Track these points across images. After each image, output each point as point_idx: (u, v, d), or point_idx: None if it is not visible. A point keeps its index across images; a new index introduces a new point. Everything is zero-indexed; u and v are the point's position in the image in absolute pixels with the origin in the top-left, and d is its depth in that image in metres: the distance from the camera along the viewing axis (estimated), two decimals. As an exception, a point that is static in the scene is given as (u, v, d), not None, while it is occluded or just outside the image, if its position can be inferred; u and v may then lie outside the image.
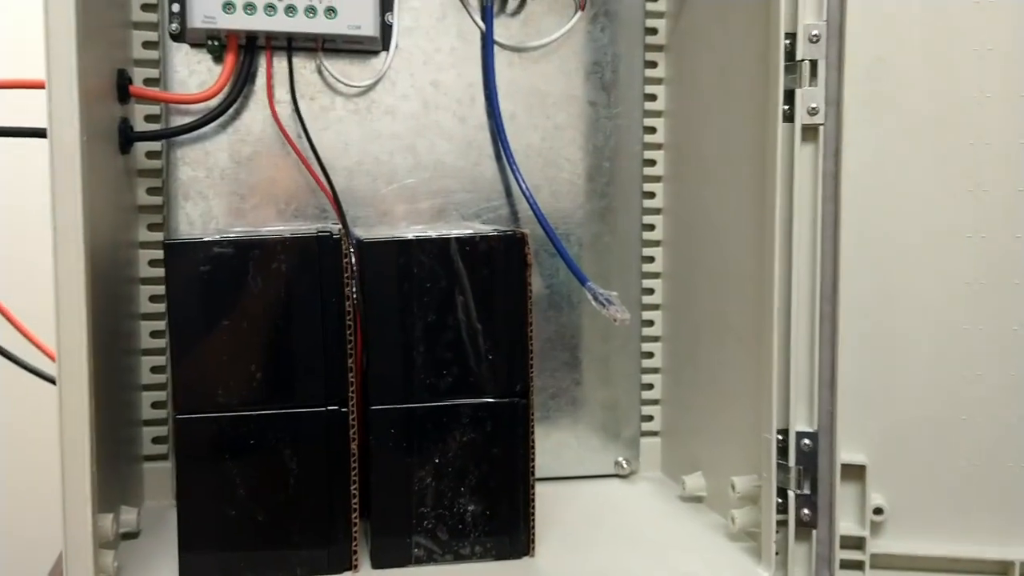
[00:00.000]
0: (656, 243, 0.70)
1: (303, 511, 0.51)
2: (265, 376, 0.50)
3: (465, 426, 0.52)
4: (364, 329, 0.51)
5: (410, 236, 0.51)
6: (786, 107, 0.50)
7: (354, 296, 0.50)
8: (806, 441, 0.51)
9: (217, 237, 0.49)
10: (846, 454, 0.51)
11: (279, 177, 0.62)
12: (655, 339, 0.70)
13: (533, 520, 0.54)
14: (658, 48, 0.68)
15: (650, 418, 0.71)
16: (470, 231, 0.52)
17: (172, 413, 0.51)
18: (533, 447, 0.54)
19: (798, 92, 0.49)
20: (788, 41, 0.49)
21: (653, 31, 0.68)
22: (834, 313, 0.50)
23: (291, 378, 0.50)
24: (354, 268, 0.51)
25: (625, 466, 0.70)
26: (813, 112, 0.49)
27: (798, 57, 0.49)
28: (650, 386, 0.71)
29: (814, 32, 0.49)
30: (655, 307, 0.70)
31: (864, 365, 0.50)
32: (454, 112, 0.65)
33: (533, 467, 0.54)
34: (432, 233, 0.52)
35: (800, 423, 0.51)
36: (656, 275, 0.70)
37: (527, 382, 0.53)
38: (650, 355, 0.70)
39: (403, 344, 0.51)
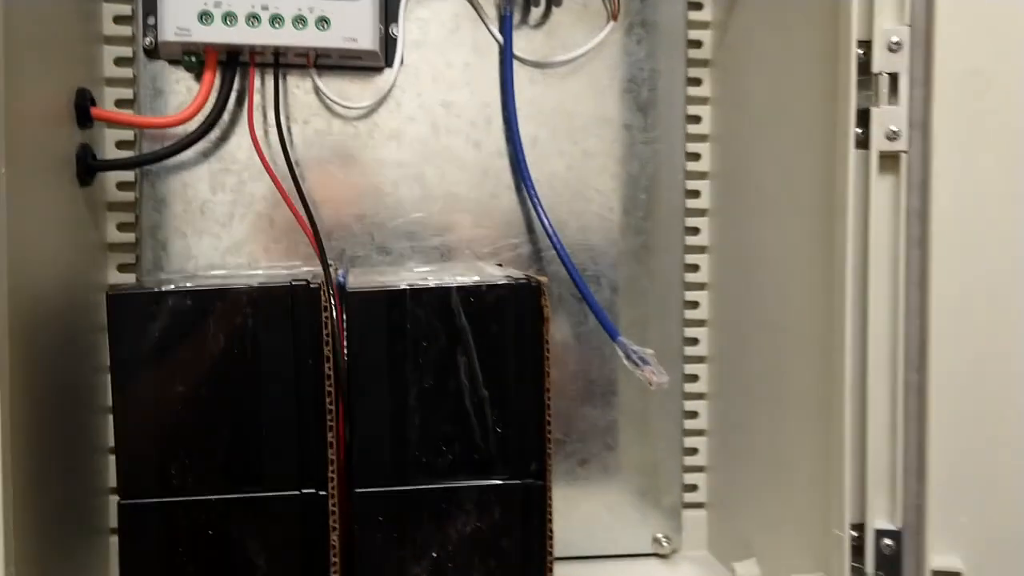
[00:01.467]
0: (701, 286, 0.60)
1: (273, 613, 0.42)
2: (227, 453, 0.42)
3: (469, 513, 0.44)
4: (347, 396, 0.43)
5: (403, 285, 0.43)
6: (859, 130, 0.41)
7: (336, 356, 0.42)
8: (887, 541, 0.41)
9: (171, 287, 0.41)
10: (938, 558, 0.41)
11: (268, 211, 0.55)
12: (700, 396, 0.61)
13: (551, 623, 0.45)
14: (703, 63, 0.59)
15: (694, 487, 0.61)
16: (475, 279, 0.44)
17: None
18: (551, 538, 0.45)
19: (874, 112, 0.40)
20: (862, 51, 0.40)
21: (697, 44, 0.59)
22: (922, 383, 0.40)
23: (259, 455, 0.42)
24: (336, 323, 0.43)
25: (665, 544, 0.60)
26: (893, 136, 0.40)
27: (874, 70, 0.40)
28: (694, 450, 0.61)
29: (894, 39, 0.40)
30: (700, 359, 0.61)
31: (961, 448, 0.40)
32: (468, 136, 0.56)
33: (551, 563, 0.45)
34: (431, 281, 0.44)
35: (880, 518, 0.42)
36: (701, 323, 0.61)
37: (544, 460, 0.44)
38: (694, 415, 0.61)
39: (394, 414, 0.43)
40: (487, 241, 0.57)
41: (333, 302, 0.42)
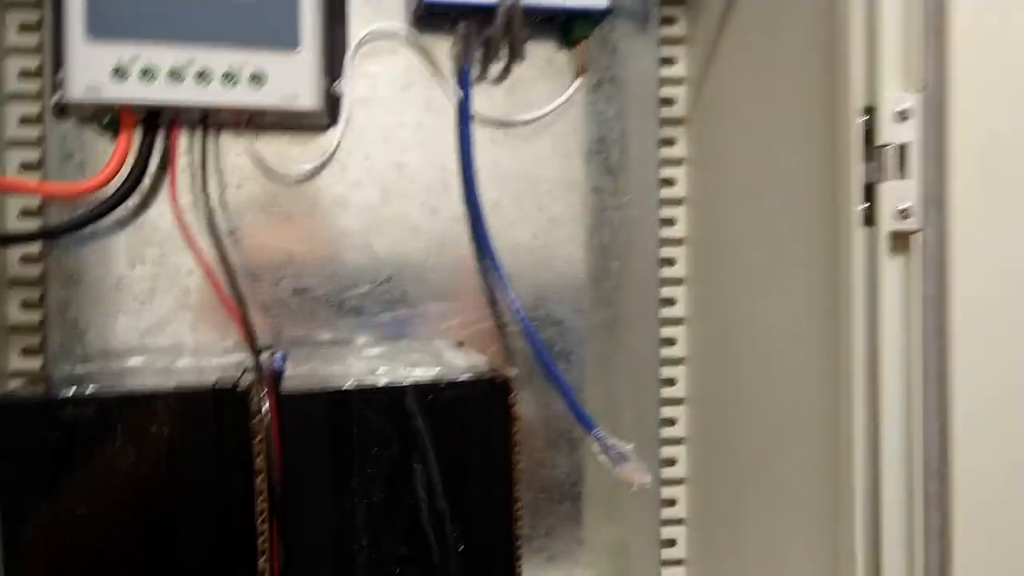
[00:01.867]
0: (678, 361, 0.55)
1: None
2: (140, 588, 0.35)
3: (426, 645, 0.37)
4: (283, 515, 0.36)
5: (348, 384, 0.37)
6: (865, 206, 0.36)
7: (270, 469, 0.36)
8: (906, 673, 0.36)
9: (69, 393, 0.34)
10: None
11: (195, 285, 0.48)
12: (678, 482, 0.56)
13: None
14: (676, 122, 0.55)
15: (672, 583, 0.56)
16: (433, 373, 0.38)
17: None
18: (521, 671, 0.39)
19: (882, 188, 0.36)
20: (865, 118, 0.36)
21: (669, 102, 0.54)
22: (944, 495, 0.35)
23: (177, 589, 0.35)
24: (270, 429, 0.37)
25: (642, 648, 0.54)
26: (905, 215, 0.35)
27: (880, 141, 0.36)
28: (672, 542, 0.56)
29: (903, 106, 0.35)
30: (677, 441, 0.56)
31: (991, 569, 0.35)
32: (422, 202, 0.51)
33: None
34: (381, 376, 0.38)
35: (896, 643, 0.36)
36: (679, 401, 0.56)
37: (512, 581, 0.38)
38: (672, 503, 0.56)
39: (339, 535, 0.37)
40: (445, 316, 0.51)
41: (266, 404, 0.36)
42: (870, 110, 0.36)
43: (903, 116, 0.35)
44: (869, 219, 0.36)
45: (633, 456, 0.43)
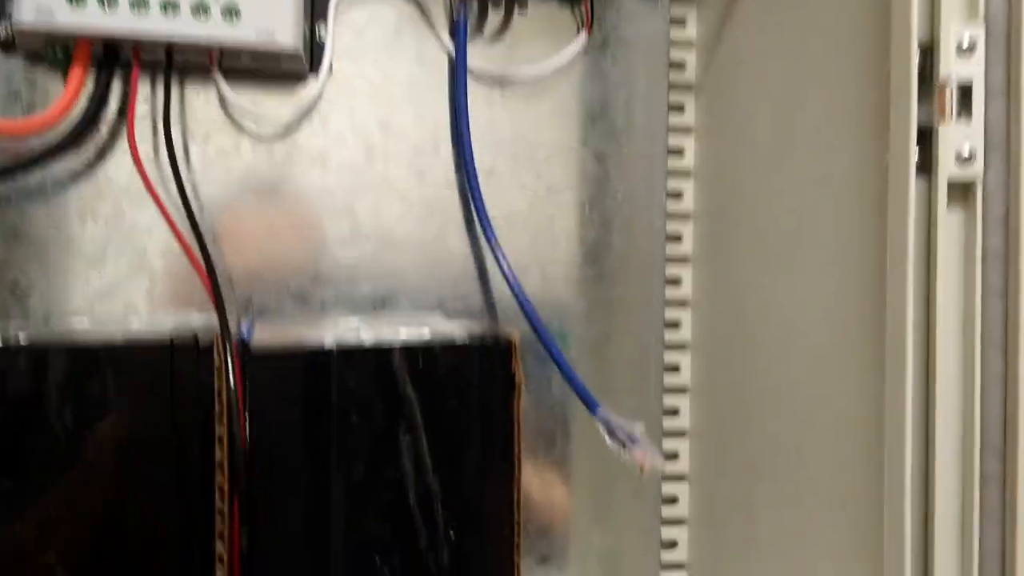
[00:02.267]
0: (683, 347, 0.51)
1: None
2: (74, 572, 0.30)
3: (411, 647, 0.32)
4: (247, 492, 0.31)
5: (328, 342, 0.32)
6: (919, 153, 0.32)
7: (233, 439, 0.31)
8: None
9: (-2, 342, 0.29)
10: None
11: (154, 247, 0.43)
12: (680, 478, 0.51)
13: None
14: (686, 88, 0.51)
15: (673, 589, 0.51)
16: (425, 335, 0.34)
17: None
18: None
19: (940, 132, 0.32)
20: (921, 56, 0.32)
21: (680, 66, 0.50)
22: (1007, 473, 0.31)
23: (119, 573, 0.30)
24: (235, 394, 0.31)
25: (640, 661, 0.50)
26: (966, 160, 0.31)
27: (939, 79, 0.32)
28: (673, 544, 0.51)
29: (966, 40, 0.32)
30: (680, 434, 0.51)
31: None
32: (410, 164, 0.46)
33: None
34: (365, 337, 0.33)
35: (948, 648, 0.32)
36: (683, 390, 0.51)
37: (512, 574, 0.34)
38: (673, 500, 0.51)
39: (312, 515, 0.32)
40: (432, 290, 0.46)
41: (231, 365, 0.31)
42: (926, 48, 0.32)
43: (966, 49, 0.32)
44: (924, 167, 0.32)
45: (643, 437, 0.39)
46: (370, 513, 0.32)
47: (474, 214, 0.46)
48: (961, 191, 0.32)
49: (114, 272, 0.43)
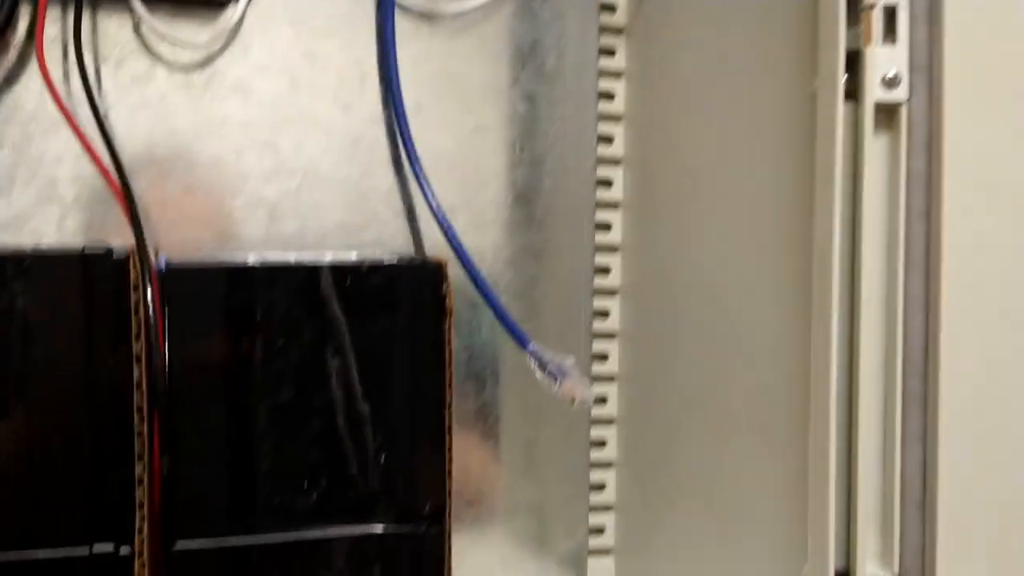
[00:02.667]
0: (612, 292, 0.51)
1: None
2: (-22, 498, 0.28)
3: (340, 573, 0.32)
4: (166, 413, 0.30)
5: (251, 261, 0.31)
6: (846, 78, 0.32)
7: (151, 357, 0.30)
8: (880, 593, 0.33)
9: None
10: (945, 613, 0.32)
11: (64, 175, 0.41)
12: (609, 422, 0.51)
13: None
14: (616, 31, 0.50)
15: (600, 530, 0.52)
16: (352, 257, 0.33)
17: None
18: (449, 605, 0.33)
19: (867, 55, 0.32)
20: (846, -20, 0.32)
21: (610, 8, 0.50)
22: (928, 392, 0.32)
23: (28, 498, 0.28)
24: (154, 310, 0.30)
25: (567, 602, 0.50)
26: (892, 83, 0.32)
27: (866, 1, 0.32)
28: (601, 486, 0.51)
29: (891, -38, 0.32)
30: (610, 379, 0.51)
31: (976, 472, 0.32)
32: (335, 97, 0.45)
33: (448, 639, 0.33)
34: (291, 258, 0.32)
35: (871, 563, 0.33)
36: (611, 335, 0.51)
37: (443, 499, 0.33)
38: (601, 444, 0.51)
39: (235, 438, 0.31)
40: (357, 228, 0.45)
41: (148, 277, 0.29)
42: (852, -30, 0.33)
43: (891, -28, 0.32)
44: (850, 93, 0.33)
45: (574, 370, 0.39)
46: (297, 437, 0.31)
47: (402, 151, 0.45)
48: (886, 115, 0.32)
49: (22, 201, 0.41)
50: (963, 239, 0.31)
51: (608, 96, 0.50)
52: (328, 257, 0.33)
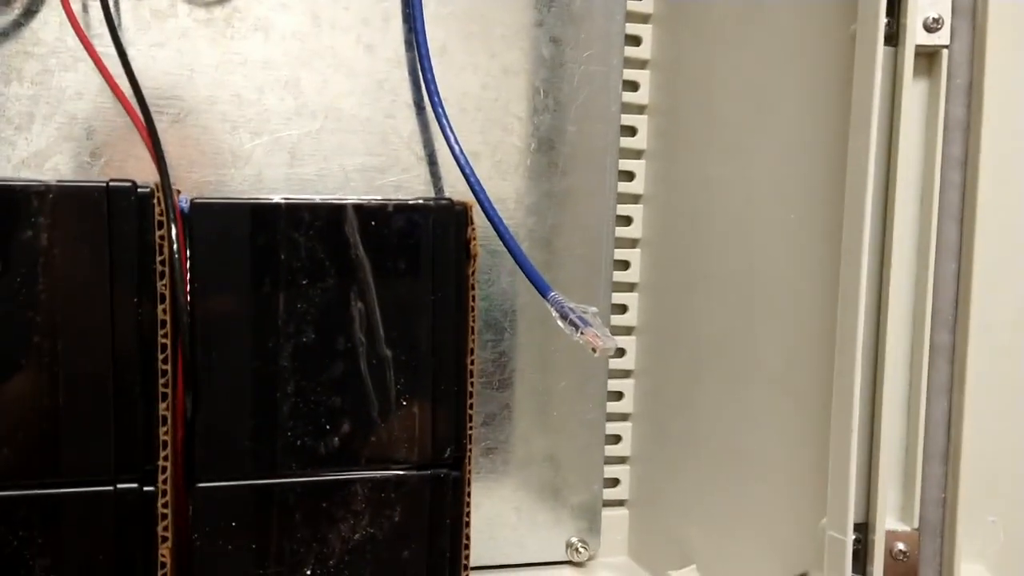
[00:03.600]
0: (633, 243, 0.51)
1: (68, 667, 0.29)
2: (7, 431, 0.28)
3: (359, 515, 0.32)
4: (190, 353, 0.30)
5: (277, 199, 0.31)
6: (887, 21, 0.31)
7: (176, 296, 0.29)
8: (900, 546, 0.32)
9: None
10: (967, 566, 0.32)
11: (85, 111, 0.41)
12: (626, 374, 0.51)
13: (462, 660, 0.34)
14: (644, -25, 0.49)
15: (615, 482, 0.52)
16: (379, 198, 0.32)
17: None
18: (467, 547, 0.34)
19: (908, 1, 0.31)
20: (890, -81, 0.31)
21: (637, -51, 0.49)
22: (956, 346, 0.31)
23: (55, 434, 0.29)
24: (178, 249, 0.30)
25: (581, 549, 0.50)
26: (934, 26, 0.31)
27: (909, -58, 0.31)
28: (617, 438, 0.51)
29: (937, -99, 0.31)
30: (628, 331, 0.51)
31: (1000, 428, 0.32)
32: (359, 37, 0.44)
33: (467, 580, 0.34)
34: (316, 198, 0.32)
35: (891, 517, 0.33)
36: (631, 287, 0.51)
37: (463, 444, 0.33)
38: (618, 396, 0.51)
39: (258, 379, 0.30)
40: (379, 170, 0.45)
41: (173, 214, 0.29)
42: (895, -90, 0.31)
43: (937, -88, 0.31)
44: (889, 37, 0.32)
45: (596, 320, 0.38)
46: (320, 380, 0.31)
47: (424, 94, 0.44)
48: (926, 60, 0.31)
49: (42, 137, 0.40)
50: (1000, 189, 0.31)
51: (635, 41, 0.49)
52: (353, 197, 0.32)
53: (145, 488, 0.29)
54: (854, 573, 0.33)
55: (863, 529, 0.33)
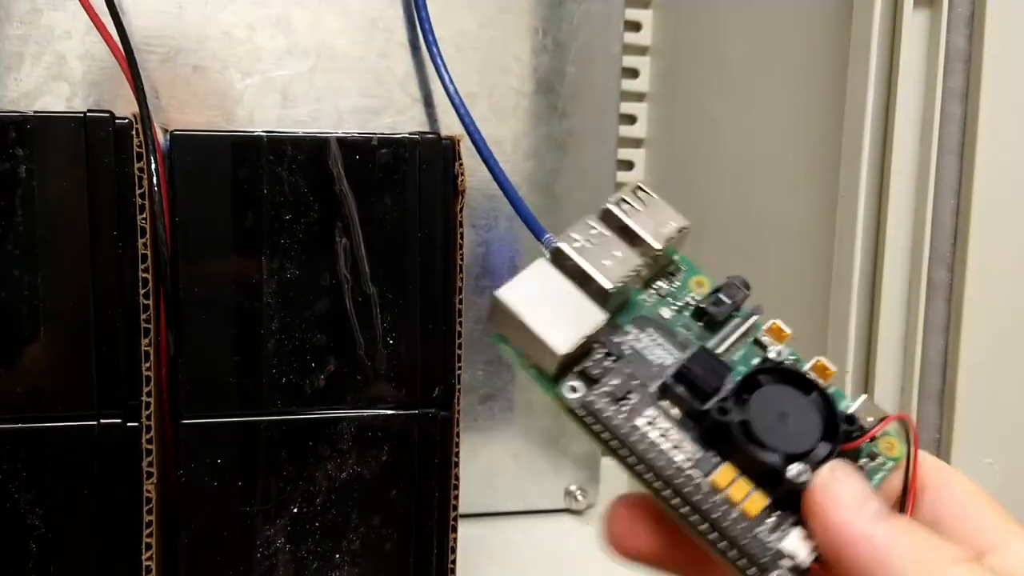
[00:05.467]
0: (634, 188, 0.50)
1: (56, 600, 0.29)
2: (-16, 363, 0.28)
3: (346, 454, 0.32)
4: (172, 286, 0.30)
5: (259, 131, 0.30)
6: (888, -52, 0.30)
7: (157, 229, 0.29)
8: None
9: None
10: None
11: (74, 51, 0.40)
12: (627, 324, 0.51)
13: (452, 598, 0.34)
14: (646, -89, 0.48)
15: (615, 429, 0.51)
16: (364, 133, 0.32)
17: None
18: (456, 487, 0.33)
19: (912, -79, 0.30)
20: None
21: None
22: (954, 284, 0.31)
23: (35, 368, 0.28)
24: (158, 181, 0.29)
25: (580, 497, 0.50)
26: (937, -48, 0.30)
27: None
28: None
29: None
30: (629, 277, 0.50)
31: (996, 368, 0.31)
32: (351, -27, 0.43)
33: (455, 519, 0.33)
34: (299, 130, 0.31)
35: (885, 457, 0.32)
36: (632, 232, 0.50)
37: (451, 383, 0.33)
38: (618, 344, 0.51)
39: (242, 315, 0.30)
40: (373, 111, 0.44)
41: (153, 148, 0.29)
42: None
43: None
44: (891, -35, 0.31)
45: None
46: (304, 317, 0.31)
47: (420, 33, 0.43)
48: (930, -12, 0.30)
49: (32, 78, 0.40)
50: (1001, 121, 0.30)
51: (636, -21, 0.48)
52: (336, 133, 0.32)
53: (129, 423, 0.29)
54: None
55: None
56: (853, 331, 0.31)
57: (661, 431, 0.21)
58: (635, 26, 0.48)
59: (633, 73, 0.48)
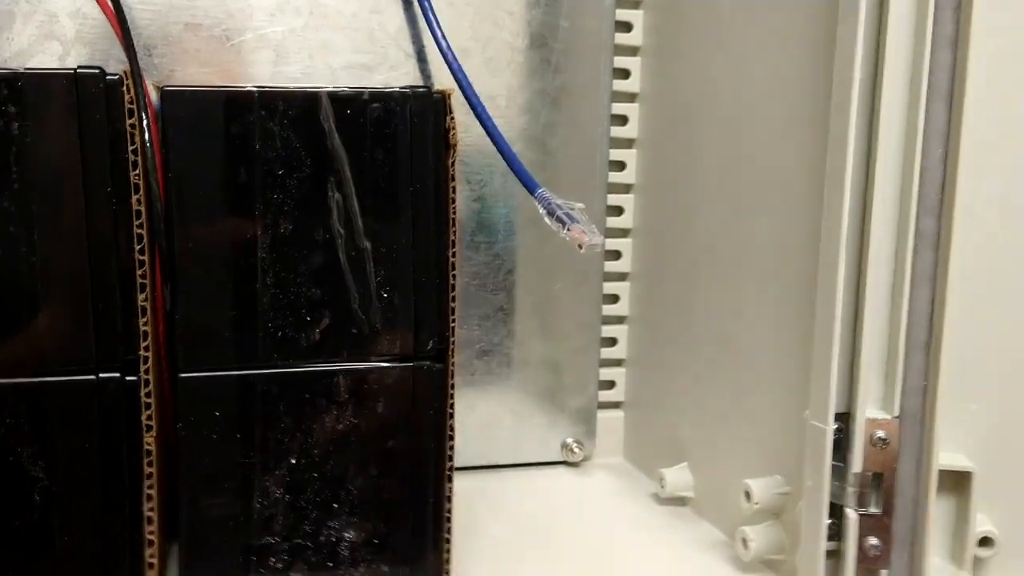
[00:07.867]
0: (629, 143, 0.50)
1: (62, 550, 0.30)
2: (-16, 320, 0.29)
3: (342, 406, 0.32)
4: (168, 242, 0.30)
5: (250, 87, 0.30)
6: None
7: (150, 185, 0.29)
8: (880, 434, 0.32)
9: None
10: (943, 455, 0.32)
11: (66, 9, 0.40)
12: (622, 276, 0.51)
13: (448, 545, 0.35)
14: None
15: (611, 384, 0.52)
16: (356, 87, 0.32)
17: None
18: (451, 438, 0.34)
19: None
20: None
21: None
22: (940, 233, 0.31)
23: (33, 323, 0.29)
24: (150, 137, 0.30)
25: (576, 450, 0.51)
26: None
27: None
28: (613, 340, 0.52)
29: None
30: (624, 232, 0.51)
31: (983, 317, 0.32)
32: (342, -71, 0.43)
33: (450, 470, 0.34)
34: (291, 86, 0.31)
35: (872, 405, 0.33)
36: (627, 188, 0.50)
37: (445, 336, 0.33)
38: (614, 298, 0.51)
39: (238, 269, 0.31)
40: (366, 68, 0.44)
41: (145, 104, 0.29)
42: None
43: None
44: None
45: (582, 217, 0.38)
46: (298, 271, 0.31)
47: (411, -13, 0.43)
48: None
49: (23, 37, 0.40)
50: (991, 66, 0.30)
51: (630, -68, 0.48)
52: (330, 86, 0.32)
53: (128, 378, 0.30)
54: (835, 461, 0.33)
55: (845, 419, 0.33)
56: (841, 281, 0.31)
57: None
58: (628, -21, 0.48)
59: (627, 27, 0.48)
